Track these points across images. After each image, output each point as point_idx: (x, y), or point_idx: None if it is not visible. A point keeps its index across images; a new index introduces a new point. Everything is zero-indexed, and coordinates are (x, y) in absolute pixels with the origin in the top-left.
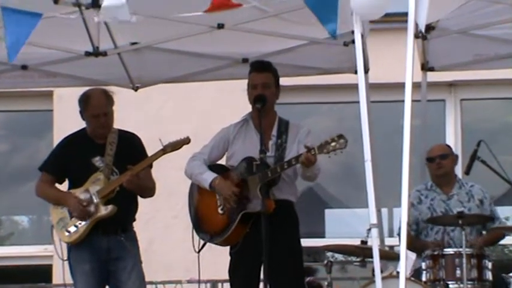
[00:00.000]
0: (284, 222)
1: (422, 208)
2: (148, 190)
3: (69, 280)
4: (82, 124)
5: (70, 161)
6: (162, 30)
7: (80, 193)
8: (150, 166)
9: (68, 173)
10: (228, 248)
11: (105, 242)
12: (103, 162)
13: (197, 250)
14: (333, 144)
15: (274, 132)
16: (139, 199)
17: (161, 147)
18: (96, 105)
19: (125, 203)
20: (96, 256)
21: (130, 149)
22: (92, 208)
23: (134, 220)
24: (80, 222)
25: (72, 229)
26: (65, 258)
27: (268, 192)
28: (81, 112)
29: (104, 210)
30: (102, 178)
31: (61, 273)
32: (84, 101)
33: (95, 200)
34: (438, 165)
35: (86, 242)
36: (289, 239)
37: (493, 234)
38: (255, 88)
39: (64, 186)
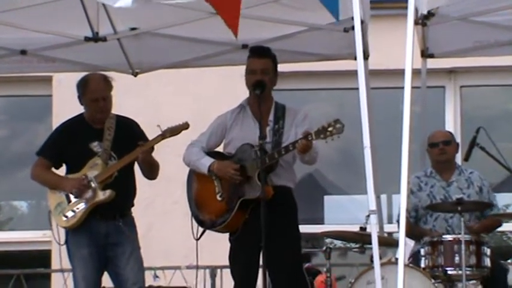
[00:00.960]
0: (282, 208)
1: (421, 195)
2: (157, 169)
3: (67, 265)
4: (81, 109)
5: (67, 146)
6: (162, 15)
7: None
8: (152, 148)
9: (65, 158)
10: (227, 234)
11: (104, 227)
12: (101, 147)
13: (196, 237)
14: (330, 129)
15: (271, 117)
16: (138, 184)
17: (160, 133)
18: (95, 90)
19: (123, 188)
20: (95, 241)
21: (128, 134)
22: (90, 193)
23: (132, 205)
24: (77, 207)
25: (70, 214)
26: (63, 243)
27: (266, 178)
28: (79, 97)
29: (102, 195)
30: (100, 163)
31: (59, 258)
32: (83, 85)
33: (93, 185)
34: (441, 151)
35: (84, 227)
36: (288, 225)
37: (490, 221)
38: (254, 73)
39: (61, 172)
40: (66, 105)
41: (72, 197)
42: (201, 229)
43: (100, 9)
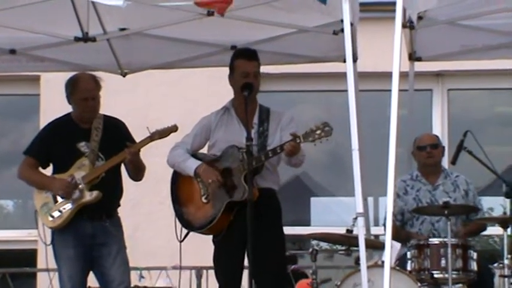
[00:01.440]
0: (267, 210)
1: (408, 199)
2: (143, 171)
3: (52, 265)
4: (69, 109)
5: (55, 145)
6: (152, 16)
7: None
8: (138, 152)
9: (52, 158)
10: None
11: (90, 227)
12: (88, 148)
13: (180, 239)
14: (318, 132)
15: (256, 120)
16: (125, 185)
17: (148, 135)
18: (85, 89)
19: (110, 189)
20: (81, 241)
21: (115, 135)
22: (77, 193)
23: (119, 206)
24: (64, 207)
25: (56, 214)
26: (49, 243)
27: (252, 180)
28: (67, 96)
29: (89, 196)
30: (88, 164)
31: (45, 257)
32: (72, 85)
33: (80, 186)
34: (429, 154)
35: (70, 227)
36: (272, 227)
37: (475, 225)
38: (247, 76)
39: (48, 172)
40: (53, 104)
41: (58, 197)
42: (185, 230)
43: (90, 9)
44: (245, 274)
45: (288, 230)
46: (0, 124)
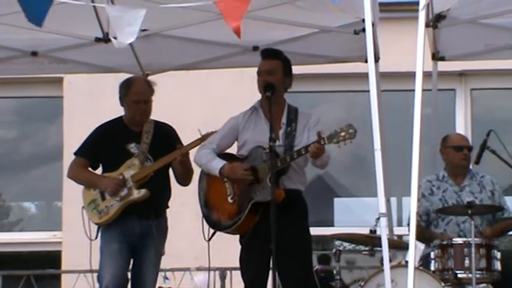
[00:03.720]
0: (293, 211)
1: (433, 199)
2: (191, 174)
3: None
4: (91, 110)
5: (105, 146)
6: (172, 17)
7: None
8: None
9: (102, 159)
10: (237, 236)
11: (138, 226)
12: (138, 149)
13: (207, 239)
14: (343, 134)
15: (284, 120)
16: None
17: (199, 136)
18: (138, 92)
19: (159, 189)
20: (126, 238)
21: (165, 139)
22: (125, 191)
23: (167, 207)
24: (111, 204)
25: (103, 210)
26: (93, 238)
27: (278, 181)
28: (121, 98)
29: (137, 194)
30: (137, 163)
31: (70, 259)
32: (127, 87)
33: (129, 184)
34: (465, 156)
35: (117, 224)
36: (299, 228)
37: (501, 225)
38: (259, 75)
39: (98, 172)
40: (76, 106)
41: (106, 194)
42: (211, 230)
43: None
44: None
45: (311, 231)
46: (24, 126)
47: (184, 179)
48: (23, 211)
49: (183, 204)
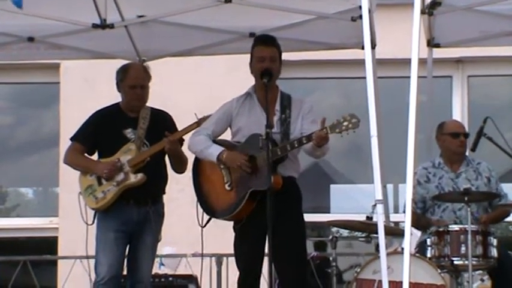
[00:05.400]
0: (289, 198)
1: (430, 186)
2: (185, 162)
3: (80, 252)
4: (88, 96)
5: (101, 131)
6: (169, 3)
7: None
8: (182, 140)
9: (98, 144)
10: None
11: (136, 213)
12: (134, 134)
13: (202, 225)
14: (345, 123)
15: (278, 107)
16: None
17: (195, 120)
18: (134, 76)
19: (155, 174)
20: (123, 226)
21: (162, 125)
22: (121, 176)
23: (164, 192)
24: (108, 188)
25: (100, 195)
26: (90, 222)
27: (276, 169)
28: (117, 83)
29: (134, 178)
30: (134, 148)
31: (67, 245)
32: (123, 72)
33: (125, 169)
34: (462, 143)
35: (115, 211)
36: (294, 214)
37: (498, 212)
38: (263, 61)
39: (94, 158)
40: (73, 92)
41: (103, 180)
42: (206, 216)
43: None
44: (265, 261)
45: (307, 217)
46: (21, 112)
47: (177, 167)
48: (19, 197)
49: (181, 191)
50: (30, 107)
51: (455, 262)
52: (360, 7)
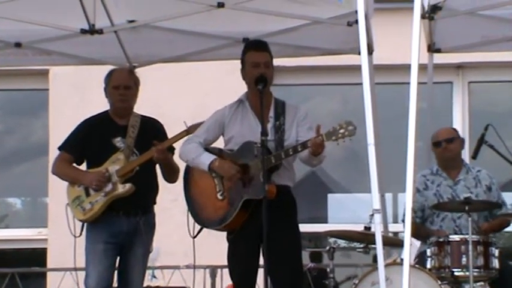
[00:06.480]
0: (283, 207)
1: (428, 194)
2: (176, 171)
3: (68, 264)
4: (78, 103)
5: (90, 140)
6: (161, 8)
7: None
8: (173, 149)
9: (87, 153)
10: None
11: (125, 224)
12: (124, 143)
13: (193, 235)
14: (342, 131)
15: (272, 114)
16: None
17: (185, 128)
18: (117, 77)
19: (145, 184)
20: (112, 238)
21: (152, 134)
22: (109, 186)
23: (155, 203)
24: (96, 199)
25: (88, 206)
26: (78, 235)
27: (270, 178)
28: (104, 89)
29: (122, 188)
30: (123, 158)
31: (56, 257)
32: (108, 76)
33: (113, 179)
34: (445, 150)
35: (104, 222)
36: (288, 224)
37: (499, 221)
38: (257, 67)
39: (83, 167)
40: (63, 99)
41: (91, 190)
42: (197, 227)
43: (96, 0)
44: (260, 272)
45: (304, 228)
46: (9, 120)
47: (168, 176)
48: (7, 207)
49: (174, 200)
50: (19, 115)
51: (455, 273)
52: (356, 12)
